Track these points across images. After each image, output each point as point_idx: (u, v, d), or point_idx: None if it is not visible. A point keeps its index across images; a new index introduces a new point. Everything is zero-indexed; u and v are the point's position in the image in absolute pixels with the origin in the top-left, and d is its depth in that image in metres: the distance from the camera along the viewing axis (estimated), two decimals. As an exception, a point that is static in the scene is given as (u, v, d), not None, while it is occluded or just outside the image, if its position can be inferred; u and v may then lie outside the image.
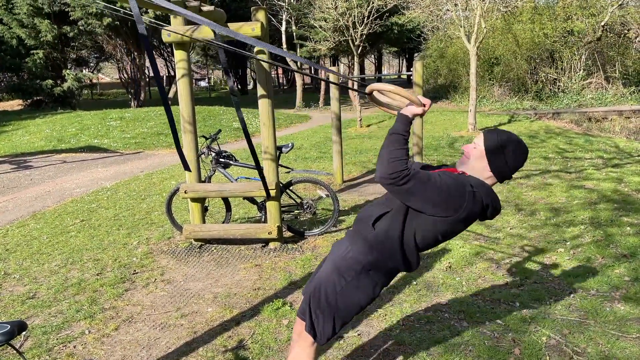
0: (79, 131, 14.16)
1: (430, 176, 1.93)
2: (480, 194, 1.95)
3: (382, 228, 2.06)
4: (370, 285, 2.12)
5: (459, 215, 1.95)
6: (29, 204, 7.17)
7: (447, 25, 17.48)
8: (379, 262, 2.09)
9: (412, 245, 2.06)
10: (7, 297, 4.02)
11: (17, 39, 21.40)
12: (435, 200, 1.91)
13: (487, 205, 1.99)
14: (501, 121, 14.97)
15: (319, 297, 2.14)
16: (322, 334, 2.17)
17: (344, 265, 2.13)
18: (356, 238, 2.14)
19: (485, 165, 2.02)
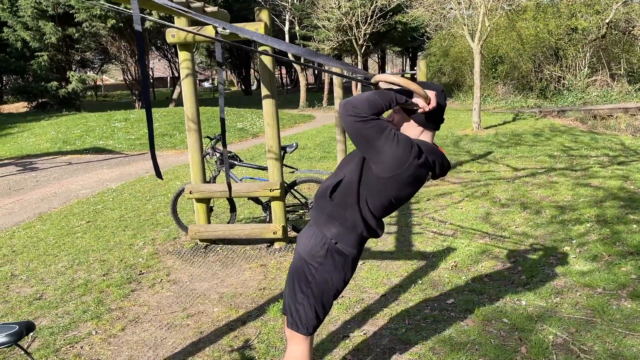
0: (84, 133, 14.21)
1: (388, 127, 1.95)
2: (423, 152, 1.97)
3: (339, 199, 2.08)
4: (341, 260, 2.12)
5: (405, 172, 1.94)
6: (35, 205, 7.21)
7: (451, 23, 17.44)
8: (343, 232, 2.09)
9: (370, 212, 2.08)
10: (15, 298, 4.04)
11: (22, 42, 21.52)
12: (384, 150, 1.92)
13: (433, 162, 2.02)
14: (506, 119, 14.93)
15: (293, 289, 2.16)
16: (307, 325, 2.18)
17: (310, 252, 2.13)
18: (317, 217, 2.15)
19: (411, 122, 2.05)
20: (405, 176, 1.96)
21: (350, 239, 2.10)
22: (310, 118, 18.59)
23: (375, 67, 65.75)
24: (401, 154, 1.91)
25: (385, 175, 1.96)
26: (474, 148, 10.19)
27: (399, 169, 1.93)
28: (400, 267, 4.33)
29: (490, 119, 15.04)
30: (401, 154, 1.91)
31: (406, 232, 5.25)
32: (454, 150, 10.12)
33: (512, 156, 9.08)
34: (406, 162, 1.92)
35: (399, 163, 1.92)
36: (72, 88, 21.86)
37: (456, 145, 10.65)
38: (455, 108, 20.07)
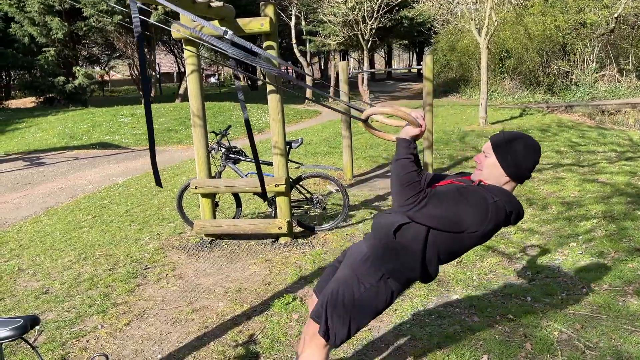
0: (90, 128, 14.27)
1: (448, 194, 1.92)
2: (503, 202, 1.93)
3: (403, 238, 2.03)
4: (388, 292, 2.11)
5: (485, 229, 1.94)
6: (42, 200, 7.25)
7: (458, 18, 17.34)
8: (398, 272, 2.08)
9: (435, 259, 2.06)
10: (22, 292, 4.07)
11: (29, 37, 21.57)
12: (458, 219, 1.91)
13: (510, 212, 1.96)
14: (513, 114, 14.85)
15: (335, 301, 2.13)
16: (337, 337, 2.15)
17: (363, 272, 2.11)
18: (376, 245, 2.12)
19: (500, 171, 1.99)
20: (482, 232, 1.96)
21: (402, 279, 2.10)
22: (316, 113, 18.58)
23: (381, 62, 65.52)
24: (477, 215, 1.91)
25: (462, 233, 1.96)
26: (480, 143, 10.14)
27: (475, 228, 1.93)
28: (405, 263, 4.32)
29: (497, 114, 14.97)
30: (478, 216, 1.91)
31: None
32: (460, 145, 10.08)
33: (519, 152, 9.02)
34: (483, 221, 1.92)
35: (476, 224, 1.93)
36: (78, 83, 21.92)
37: (462, 141, 10.61)
38: (462, 103, 19.99)
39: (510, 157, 1.96)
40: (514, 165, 1.97)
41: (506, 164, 1.97)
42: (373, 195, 6.57)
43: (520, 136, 1.99)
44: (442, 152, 9.42)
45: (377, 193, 6.65)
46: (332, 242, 4.90)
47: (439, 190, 1.99)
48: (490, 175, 2.01)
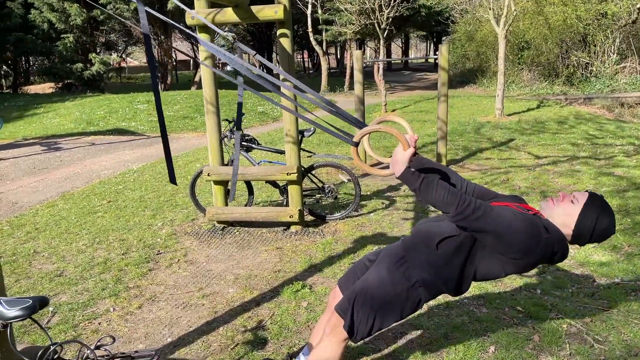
0: (107, 114, 14.40)
1: (504, 214, 1.90)
2: (553, 241, 1.91)
3: (446, 252, 2.02)
4: (417, 299, 2.11)
5: (529, 260, 1.93)
6: (59, 184, 7.36)
7: (477, 7, 17.10)
8: (431, 283, 2.07)
9: (471, 276, 2.05)
10: (36, 274, 4.15)
11: (48, 23, 21.77)
12: (509, 241, 1.89)
13: (556, 252, 1.94)
14: (530, 106, 14.67)
15: (364, 299, 2.13)
16: (358, 334, 2.15)
17: (397, 277, 2.11)
18: (415, 252, 2.11)
19: (571, 224, 1.95)
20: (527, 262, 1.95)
21: (434, 289, 2.09)
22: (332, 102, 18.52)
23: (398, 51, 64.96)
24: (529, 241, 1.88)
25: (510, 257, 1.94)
26: (495, 135, 10.05)
27: (526, 256, 1.91)
28: (416, 253, 4.32)
29: (513, 106, 14.79)
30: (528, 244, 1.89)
31: (423, 218, 5.22)
32: (474, 137, 9.99)
33: (534, 144, 8.93)
34: (533, 250, 1.90)
35: (527, 250, 1.90)
36: (95, 70, 22.11)
37: (477, 132, 10.51)
38: (479, 94, 19.78)
39: (591, 223, 1.93)
40: (585, 233, 1.94)
41: (579, 229, 1.94)
42: (385, 185, 6.56)
43: (612, 217, 1.95)
44: (456, 143, 9.35)
45: (390, 183, 6.64)
46: (343, 231, 4.91)
47: (497, 208, 1.95)
48: (558, 216, 1.97)
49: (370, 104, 16.29)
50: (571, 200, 1.98)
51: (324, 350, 2.22)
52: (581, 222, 1.93)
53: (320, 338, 2.29)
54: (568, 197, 2.00)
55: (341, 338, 2.19)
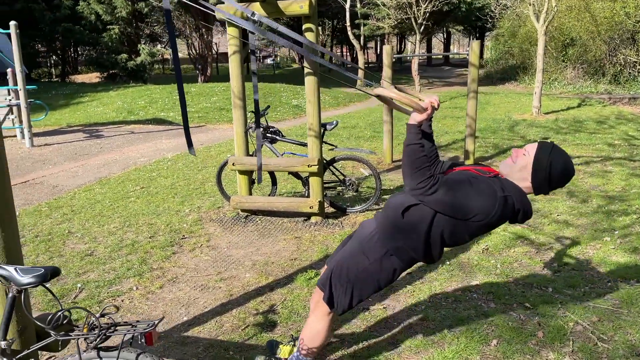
0: (147, 104, 14.86)
1: (460, 182, 1.97)
2: (513, 199, 1.97)
3: (410, 219, 2.11)
4: (391, 269, 2.21)
5: (490, 220, 1.99)
6: (97, 170, 7.70)
7: (518, 3, 16.74)
8: (402, 250, 2.17)
9: (438, 241, 2.12)
10: (69, 253, 4.41)
11: (95, 15, 22.56)
12: (466, 207, 1.96)
13: (518, 210, 2.00)
14: (570, 105, 14.30)
15: (340, 271, 2.26)
16: (339, 305, 2.28)
17: (369, 247, 2.22)
18: (385, 223, 2.21)
19: (527, 175, 2.02)
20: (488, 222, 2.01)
21: (406, 257, 2.19)
22: (366, 97, 18.53)
23: (440, 46, 64.00)
24: (485, 206, 1.96)
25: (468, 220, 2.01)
26: (529, 133, 9.88)
27: (482, 218, 1.98)
28: (431, 248, 4.36)
29: (552, 104, 14.46)
30: (485, 206, 1.96)
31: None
32: (507, 134, 9.85)
33: (569, 143, 8.75)
34: (489, 212, 1.97)
35: (483, 214, 1.97)
36: (140, 61, 22.78)
37: (511, 130, 10.36)
38: (518, 91, 19.39)
39: (546, 171, 1.99)
40: (542, 183, 2.01)
41: (536, 180, 2.01)
42: (410, 180, 6.58)
43: (566, 158, 2.00)
44: (487, 140, 9.26)
45: (415, 178, 6.65)
46: (362, 223, 4.99)
47: (451, 177, 2.04)
48: (515, 173, 2.04)
49: (405, 99, 16.22)
50: (523, 153, 2.04)
51: (311, 325, 2.36)
52: (536, 171, 1.99)
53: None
54: (520, 151, 2.06)
55: (325, 311, 2.31)
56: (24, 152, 9.22)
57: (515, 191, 1.99)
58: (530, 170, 2.00)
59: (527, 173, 2.01)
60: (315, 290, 2.40)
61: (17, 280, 1.62)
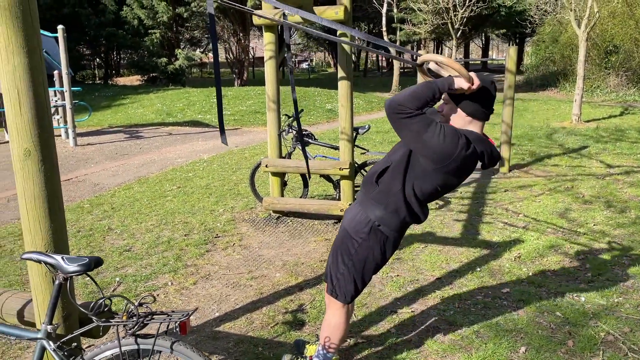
0: (185, 106, 15.22)
1: (433, 121, 2.04)
2: (472, 143, 2.05)
3: (384, 183, 2.21)
4: (381, 241, 2.26)
5: (452, 164, 2.03)
6: (136, 169, 7.96)
7: (559, 9, 16.42)
8: (386, 216, 2.22)
9: (413, 197, 2.18)
10: (108, 248, 4.59)
11: (138, 19, 23.24)
12: (431, 144, 2.01)
13: (481, 153, 2.08)
14: (612, 113, 13.93)
15: (336, 260, 2.33)
16: (346, 294, 2.34)
17: (354, 228, 2.27)
18: (363, 199, 2.29)
19: (461, 112, 2.12)
20: (452, 167, 2.06)
21: (392, 222, 2.23)
22: (402, 102, 18.46)
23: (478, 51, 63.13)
24: (448, 147, 2.00)
25: (432, 167, 2.07)
26: (568, 141, 9.69)
27: (446, 161, 2.03)
28: (462, 254, 4.36)
29: (593, 112, 14.11)
30: (448, 147, 2.01)
31: (475, 220, 5.22)
32: (545, 142, 9.68)
33: (609, 152, 8.54)
34: (452, 154, 2.01)
35: (446, 155, 2.02)
36: (179, 64, 23.34)
37: (549, 138, 10.17)
38: (559, 98, 18.99)
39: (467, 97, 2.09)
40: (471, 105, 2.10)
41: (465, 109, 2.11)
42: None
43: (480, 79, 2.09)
44: (524, 147, 9.13)
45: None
46: (393, 227, 5.02)
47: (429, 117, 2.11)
48: (454, 120, 2.15)
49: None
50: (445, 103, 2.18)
51: (328, 320, 2.43)
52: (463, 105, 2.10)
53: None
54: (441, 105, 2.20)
55: (338, 305, 2.37)
56: (68, 151, 9.59)
57: (472, 135, 2.08)
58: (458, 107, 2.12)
59: (458, 112, 2.12)
60: (326, 286, 2.47)
61: (64, 268, 1.74)
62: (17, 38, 1.71)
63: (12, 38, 1.70)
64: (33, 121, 1.78)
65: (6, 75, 1.75)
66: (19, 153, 1.81)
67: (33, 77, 1.76)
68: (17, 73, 1.74)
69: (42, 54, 1.79)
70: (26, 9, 1.71)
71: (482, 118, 2.14)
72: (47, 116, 1.82)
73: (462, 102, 2.11)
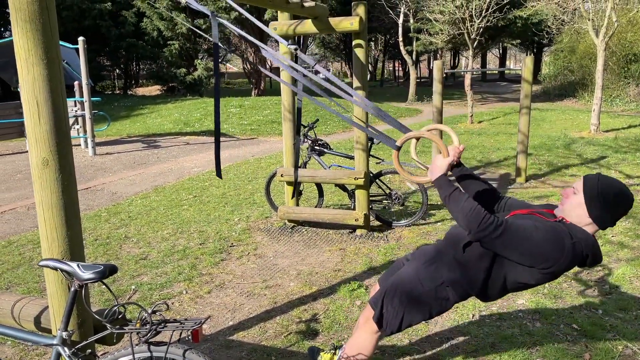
0: (202, 116, 15.38)
1: (525, 227, 1.91)
2: (581, 246, 1.91)
3: (471, 254, 2.09)
4: (444, 298, 2.20)
5: (558, 268, 1.93)
6: (153, 178, 8.05)
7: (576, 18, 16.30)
8: (458, 284, 2.15)
9: (500, 282, 2.09)
10: (125, 256, 4.65)
11: (157, 31, 23.62)
12: (532, 253, 1.90)
13: (586, 256, 1.93)
14: (632, 123, 13.73)
15: (394, 294, 2.26)
16: (388, 326, 2.28)
17: (426, 275, 2.21)
18: (445, 252, 2.21)
19: (584, 212, 1.95)
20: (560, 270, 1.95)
21: (460, 291, 2.17)
22: (417, 112, 18.44)
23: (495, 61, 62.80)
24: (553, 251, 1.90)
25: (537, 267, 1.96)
26: (586, 151, 9.57)
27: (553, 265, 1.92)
28: (477, 264, 4.32)
29: (613, 122, 13.92)
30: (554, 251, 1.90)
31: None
32: (563, 152, 9.57)
33: (629, 162, 8.41)
34: (560, 259, 1.91)
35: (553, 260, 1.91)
36: (197, 75, 23.62)
37: (567, 148, 10.05)
38: (577, 108, 18.78)
39: (600, 207, 1.93)
40: (602, 215, 1.93)
41: (594, 214, 1.94)
42: (458, 196, 6.52)
43: (615, 182, 1.95)
44: (542, 157, 9.03)
45: (463, 194, 6.59)
46: (407, 238, 5.00)
47: (517, 221, 1.97)
48: (572, 213, 1.99)
49: (456, 115, 16.07)
50: (573, 192, 1.99)
51: (357, 340, 2.39)
52: (590, 203, 1.93)
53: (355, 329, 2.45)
54: (570, 190, 2.01)
55: (373, 329, 2.33)
56: (87, 160, 9.75)
57: (583, 236, 1.92)
58: (585, 206, 1.95)
59: (582, 210, 1.96)
60: (367, 307, 2.41)
61: (79, 275, 1.77)
62: (37, 50, 1.76)
63: (32, 50, 1.75)
64: (51, 131, 1.83)
65: (26, 86, 1.80)
66: (37, 162, 1.85)
67: (52, 87, 1.81)
68: (37, 84, 1.79)
69: (60, 65, 1.84)
70: (46, 21, 1.76)
71: (602, 227, 1.97)
72: (65, 126, 1.87)
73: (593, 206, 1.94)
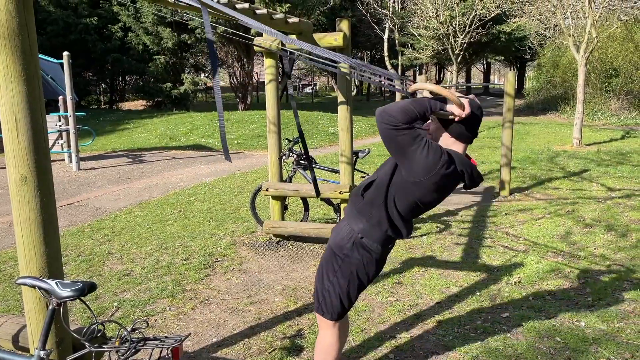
0: (189, 130, 15.34)
1: (420, 135, 2.07)
2: (454, 163, 2.09)
3: (369, 196, 2.25)
4: (363, 255, 2.26)
5: (431, 179, 2.06)
6: (138, 194, 7.99)
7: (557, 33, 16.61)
8: (369, 228, 2.24)
9: (395, 210, 2.21)
10: (107, 272, 4.59)
11: (143, 45, 23.60)
12: (414, 157, 2.05)
13: (462, 172, 2.12)
14: (613, 136, 13.96)
15: (322, 278, 2.35)
16: (332, 312, 2.35)
17: (338, 243, 2.30)
18: (349, 212, 2.33)
19: (444, 132, 2.16)
20: (431, 183, 2.09)
21: (374, 235, 2.25)
22: (404, 126, 18.55)
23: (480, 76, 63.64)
24: (430, 162, 2.05)
25: (412, 179, 2.11)
26: (569, 165, 9.69)
27: (426, 175, 2.07)
28: (462, 278, 4.34)
29: (594, 136, 14.15)
30: (430, 162, 2.05)
31: (475, 244, 5.21)
32: (547, 165, 9.69)
33: (611, 175, 8.54)
34: (433, 170, 2.05)
35: (426, 170, 2.06)
36: (184, 89, 23.60)
37: (550, 161, 10.18)
38: (560, 122, 19.07)
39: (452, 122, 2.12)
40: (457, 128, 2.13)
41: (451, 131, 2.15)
42: (443, 209, 6.57)
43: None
44: (525, 171, 9.13)
45: (448, 208, 6.64)
46: (393, 251, 5.00)
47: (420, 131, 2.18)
48: (437, 138, 2.19)
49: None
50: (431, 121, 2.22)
51: (320, 341, 2.45)
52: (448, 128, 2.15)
53: None
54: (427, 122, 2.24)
55: (328, 324, 2.38)
56: (71, 176, 9.66)
57: (455, 155, 2.12)
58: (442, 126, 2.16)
59: (442, 130, 2.16)
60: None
61: (57, 293, 1.75)
62: (16, 66, 1.75)
63: (11, 66, 1.74)
64: (30, 147, 1.82)
65: (5, 102, 1.79)
66: (16, 179, 1.83)
67: (31, 104, 1.80)
68: (16, 100, 1.78)
69: (40, 81, 1.83)
70: (25, 38, 1.75)
71: (466, 141, 2.18)
72: (44, 143, 1.86)
73: (449, 123, 2.14)
